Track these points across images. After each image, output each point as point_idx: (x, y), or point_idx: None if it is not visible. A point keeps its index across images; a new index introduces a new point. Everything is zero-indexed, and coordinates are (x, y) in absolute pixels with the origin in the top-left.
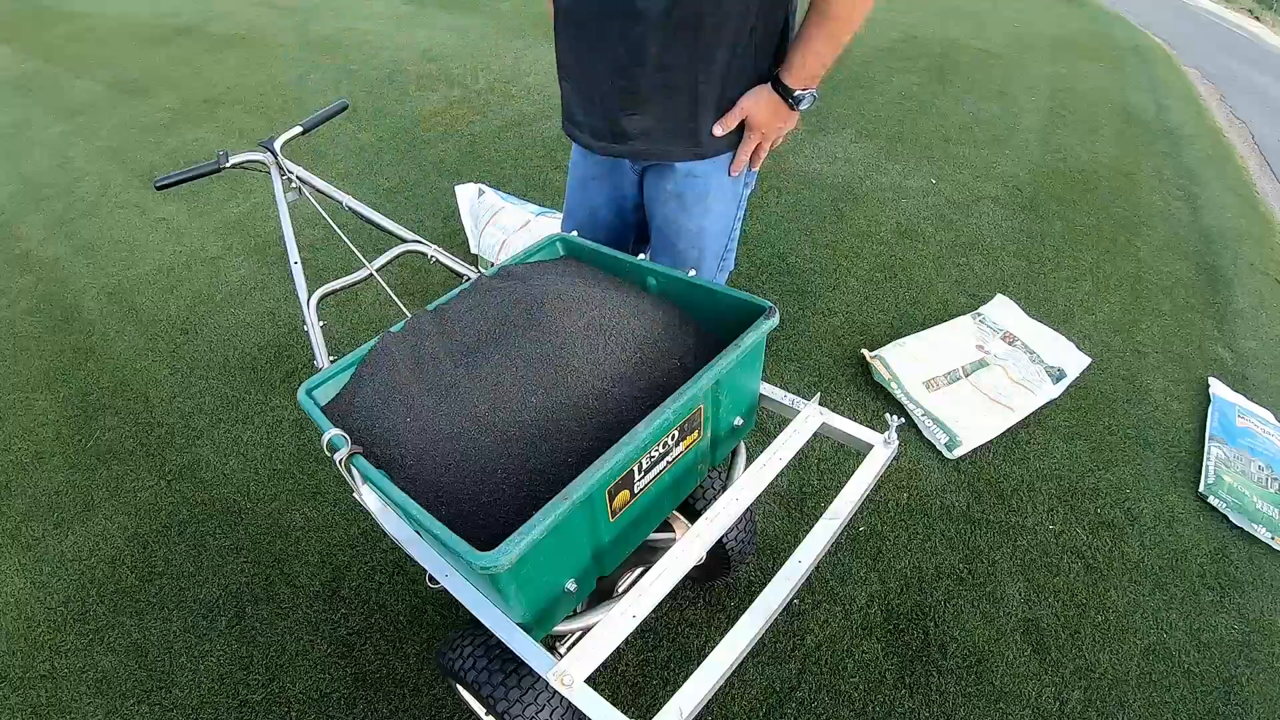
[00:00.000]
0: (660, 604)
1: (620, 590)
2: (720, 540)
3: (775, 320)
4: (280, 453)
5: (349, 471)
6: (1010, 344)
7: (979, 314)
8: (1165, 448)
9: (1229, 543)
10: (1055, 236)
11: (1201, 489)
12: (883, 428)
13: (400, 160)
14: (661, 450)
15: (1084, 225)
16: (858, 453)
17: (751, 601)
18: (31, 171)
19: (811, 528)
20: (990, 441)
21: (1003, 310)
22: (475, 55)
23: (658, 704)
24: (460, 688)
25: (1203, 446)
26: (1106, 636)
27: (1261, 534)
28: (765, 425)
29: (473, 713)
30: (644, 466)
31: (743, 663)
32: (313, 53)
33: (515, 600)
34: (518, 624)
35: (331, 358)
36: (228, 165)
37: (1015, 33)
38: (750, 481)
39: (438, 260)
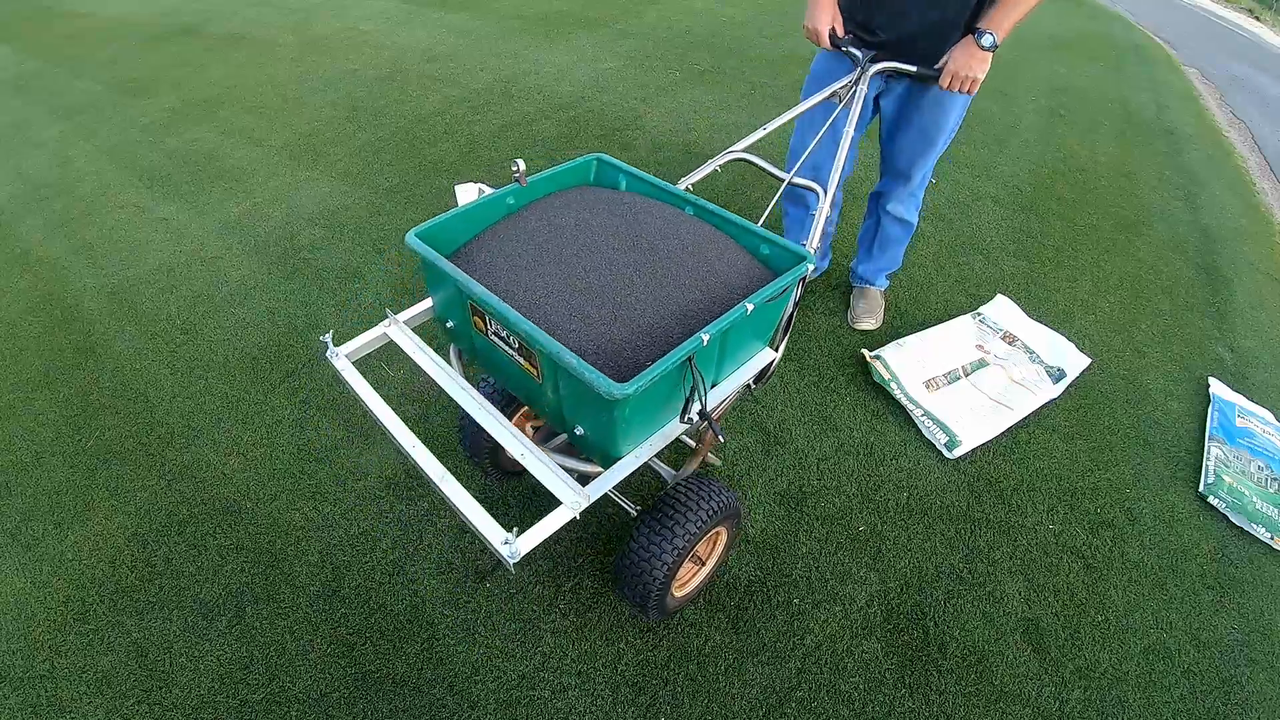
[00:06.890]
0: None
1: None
2: None
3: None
4: (280, 453)
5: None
6: (1010, 344)
7: (979, 314)
8: (1165, 448)
9: (1229, 543)
10: (1055, 236)
11: (1201, 489)
12: None
13: (400, 160)
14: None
15: (1084, 225)
16: (859, 452)
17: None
18: (31, 171)
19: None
20: (990, 441)
21: (1003, 310)
22: (475, 55)
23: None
24: None
25: (1202, 446)
26: (1106, 636)
27: (1261, 534)
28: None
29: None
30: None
31: (743, 662)
32: (313, 53)
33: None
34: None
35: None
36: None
37: (1015, 32)
38: None
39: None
